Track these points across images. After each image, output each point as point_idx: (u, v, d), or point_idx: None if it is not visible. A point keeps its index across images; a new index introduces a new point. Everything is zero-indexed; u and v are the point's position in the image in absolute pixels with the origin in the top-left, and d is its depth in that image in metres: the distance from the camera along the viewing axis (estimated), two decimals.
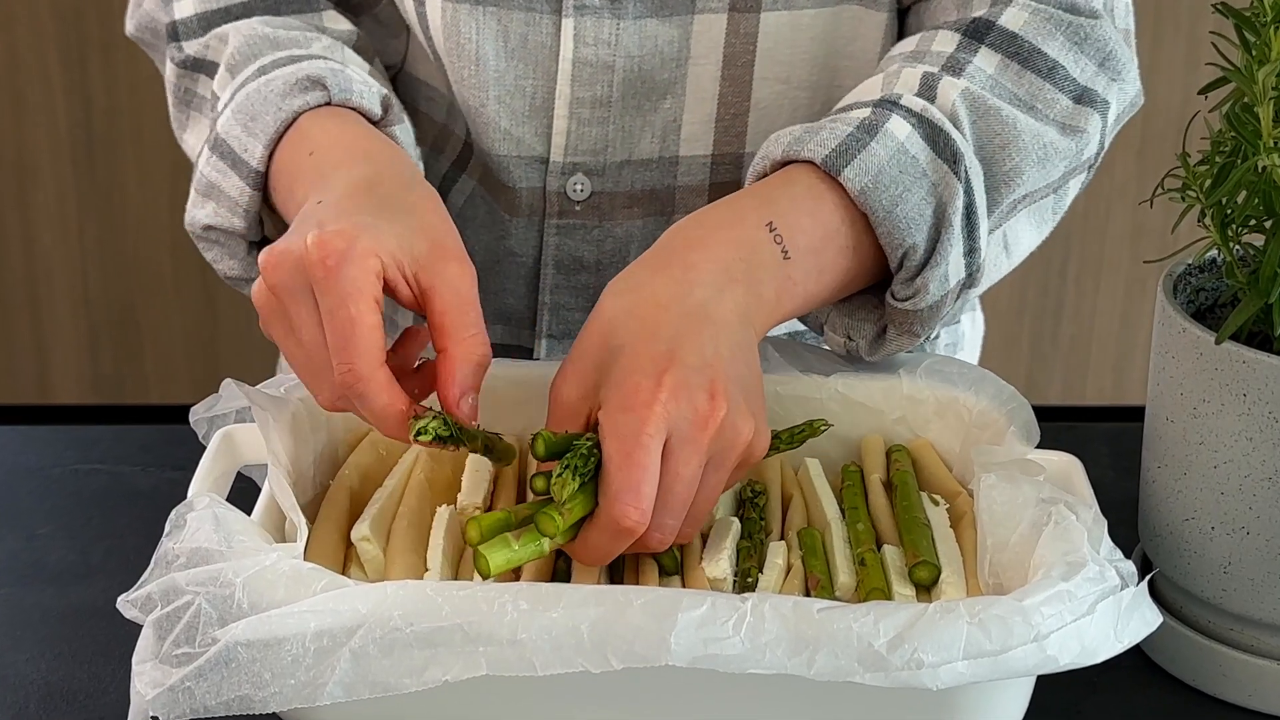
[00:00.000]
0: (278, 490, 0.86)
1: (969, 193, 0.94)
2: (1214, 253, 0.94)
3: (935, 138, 0.94)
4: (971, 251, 0.94)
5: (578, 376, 0.85)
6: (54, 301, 2.64)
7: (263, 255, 0.85)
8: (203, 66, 1.07)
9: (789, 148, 0.94)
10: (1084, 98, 1.00)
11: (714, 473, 0.84)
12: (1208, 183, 0.88)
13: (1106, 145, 1.04)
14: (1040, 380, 2.75)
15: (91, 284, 2.63)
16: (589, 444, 0.82)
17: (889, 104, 0.95)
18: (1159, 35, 2.51)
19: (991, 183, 0.96)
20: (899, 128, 0.93)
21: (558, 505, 0.81)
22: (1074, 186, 1.03)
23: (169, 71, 1.09)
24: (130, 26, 1.13)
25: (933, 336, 0.98)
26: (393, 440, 0.95)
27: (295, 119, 0.97)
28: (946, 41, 1.00)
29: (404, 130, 1.02)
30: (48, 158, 2.56)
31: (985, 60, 0.99)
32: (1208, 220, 0.89)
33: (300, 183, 0.94)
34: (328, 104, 0.98)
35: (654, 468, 0.81)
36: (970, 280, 0.95)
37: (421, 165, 1.04)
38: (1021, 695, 0.81)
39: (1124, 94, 1.03)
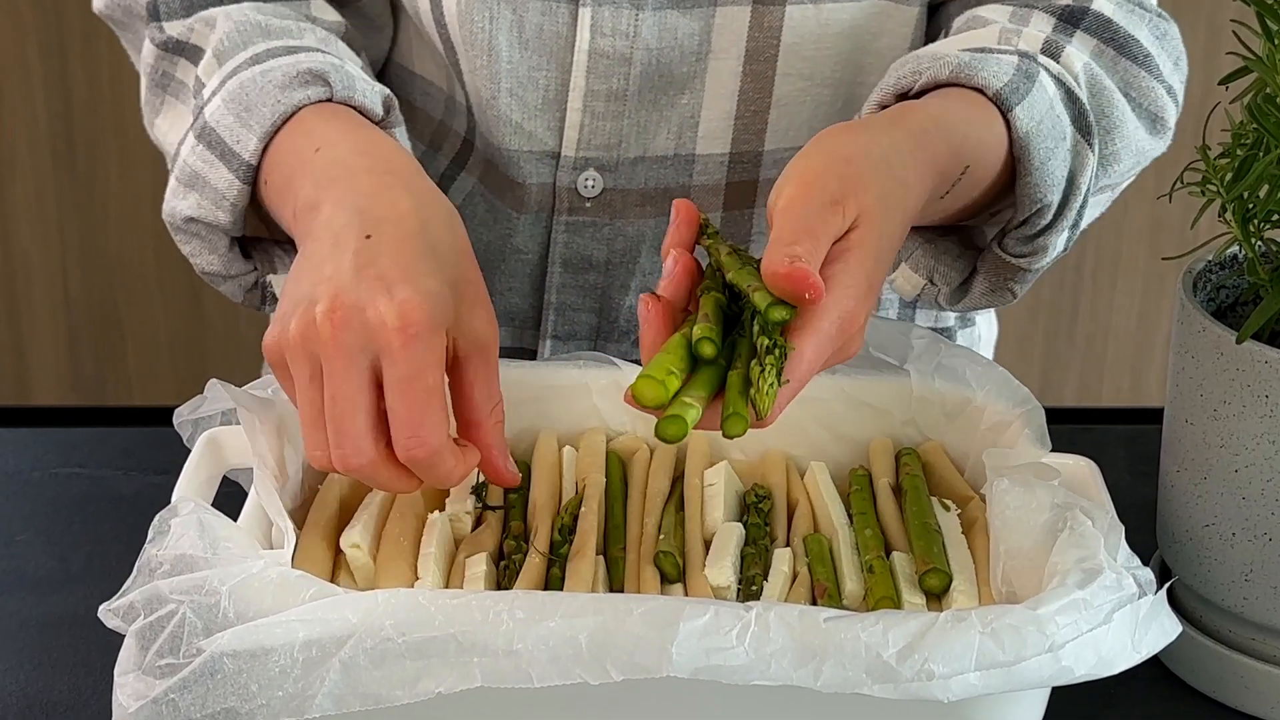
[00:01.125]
0: (264, 495, 0.86)
1: (1092, 166, 0.94)
2: (1235, 249, 0.94)
3: (1073, 103, 0.94)
4: (1075, 226, 0.96)
5: (838, 204, 0.81)
6: (33, 300, 2.64)
7: (324, 306, 0.81)
8: (185, 50, 1.05)
9: (958, 71, 0.92)
10: (1172, 92, 1.01)
11: None
12: (1228, 176, 0.88)
13: None
14: (1055, 381, 2.75)
15: (72, 281, 2.64)
16: (784, 347, 0.78)
17: (1029, 57, 0.95)
18: (1178, 23, 2.51)
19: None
20: (1047, 82, 0.94)
21: (745, 412, 0.76)
22: (1127, 185, 1.04)
23: (146, 52, 1.07)
24: (99, 3, 1.10)
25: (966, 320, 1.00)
26: None
27: (294, 114, 0.95)
28: (1042, 22, 1.00)
29: (402, 133, 1.00)
30: (26, 151, 2.56)
31: (1081, 44, 0.99)
32: (1229, 215, 0.89)
33: (306, 178, 0.91)
34: (328, 100, 0.97)
35: None
36: (1063, 255, 0.97)
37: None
38: (1036, 708, 0.81)
39: (1179, 102, 1.05)
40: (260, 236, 1.01)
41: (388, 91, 1.00)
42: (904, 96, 0.94)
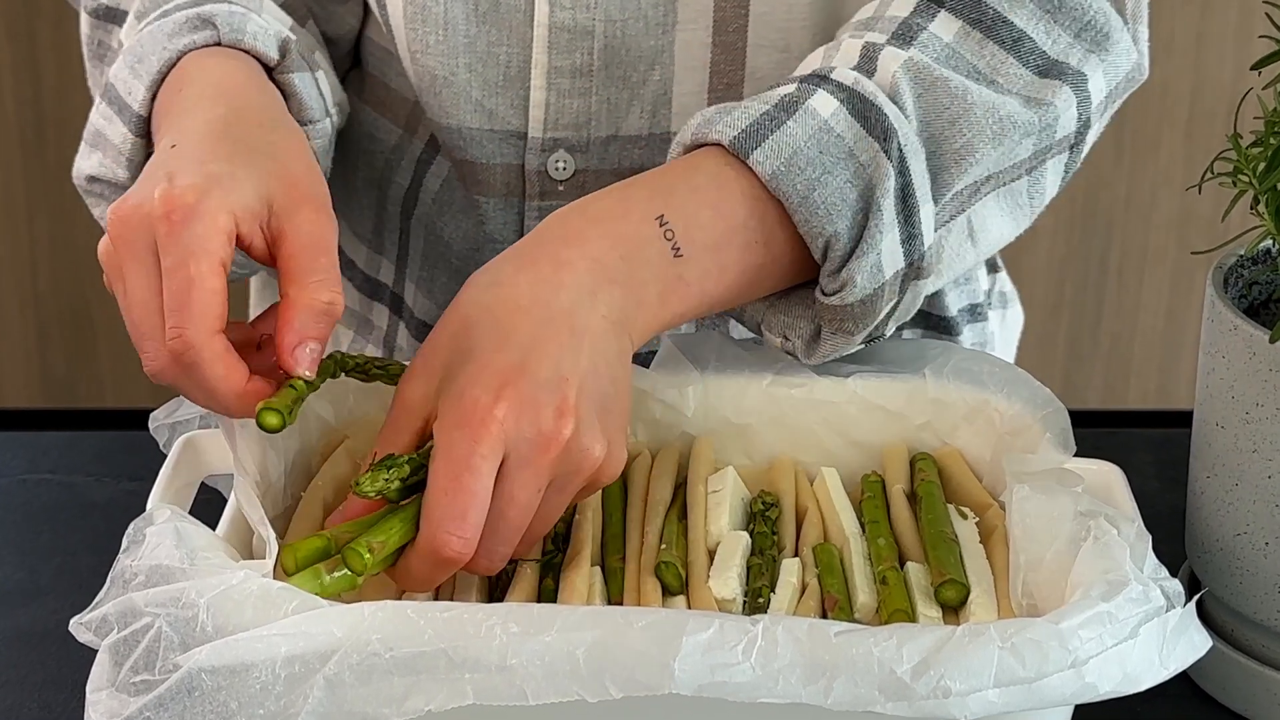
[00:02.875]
0: (245, 502, 0.86)
1: (903, 174, 0.92)
2: (1268, 243, 0.94)
3: (866, 113, 0.93)
4: (911, 238, 0.93)
5: (425, 374, 0.85)
6: (0, 297, 2.64)
7: (112, 209, 0.85)
8: (115, 16, 1.07)
9: (698, 130, 0.94)
10: (1052, 71, 0.98)
11: (556, 495, 0.85)
12: (1261, 166, 0.88)
13: (1095, 123, 1.02)
14: (1079, 382, 2.75)
15: (41, 278, 2.64)
16: (416, 461, 0.83)
17: (817, 79, 0.95)
18: (1208, 4, 2.51)
19: (940, 162, 0.95)
20: (823, 104, 0.93)
21: (367, 543, 0.81)
22: (1053, 168, 1.01)
23: (83, 23, 1.09)
24: None
25: (883, 334, 0.97)
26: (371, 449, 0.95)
27: (180, 59, 0.97)
28: (903, 5, 0.99)
29: (303, 80, 1.01)
30: None
31: (943, 27, 0.97)
32: (1261, 207, 0.89)
33: (165, 122, 0.94)
34: (218, 44, 0.98)
35: (484, 494, 0.81)
36: (915, 270, 0.94)
37: (329, 120, 1.04)
38: None
39: (1113, 67, 1.01)
40: None
41: (287, 35, 1.01)
42: None
